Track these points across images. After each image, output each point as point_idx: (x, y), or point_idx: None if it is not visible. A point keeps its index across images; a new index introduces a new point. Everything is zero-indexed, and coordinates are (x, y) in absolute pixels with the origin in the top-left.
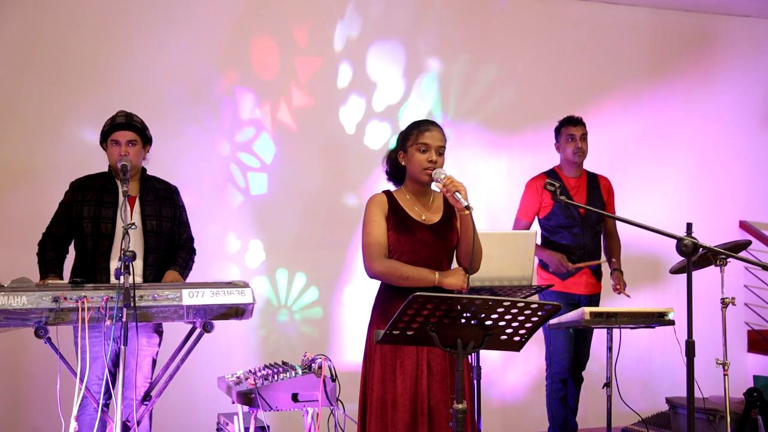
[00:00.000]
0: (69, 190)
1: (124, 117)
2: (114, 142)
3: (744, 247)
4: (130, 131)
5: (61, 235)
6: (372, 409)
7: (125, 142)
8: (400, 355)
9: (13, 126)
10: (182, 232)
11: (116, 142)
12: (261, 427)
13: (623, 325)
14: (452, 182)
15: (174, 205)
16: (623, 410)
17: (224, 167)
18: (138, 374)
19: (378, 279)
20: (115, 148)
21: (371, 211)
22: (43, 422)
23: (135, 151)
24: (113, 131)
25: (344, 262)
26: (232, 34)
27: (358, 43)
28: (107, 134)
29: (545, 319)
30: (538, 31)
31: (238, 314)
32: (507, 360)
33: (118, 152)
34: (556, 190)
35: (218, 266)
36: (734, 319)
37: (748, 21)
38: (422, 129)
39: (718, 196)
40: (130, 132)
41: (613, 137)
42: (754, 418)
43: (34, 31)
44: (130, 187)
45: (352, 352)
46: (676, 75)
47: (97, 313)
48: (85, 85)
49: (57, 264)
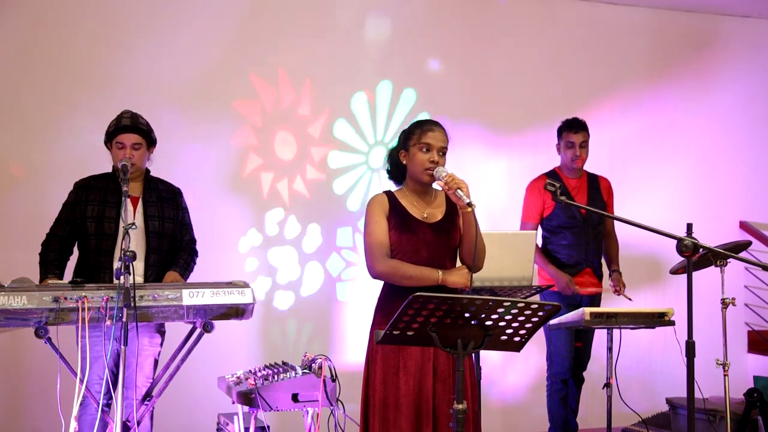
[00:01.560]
0: (73, 190)
1: (129, 119)
2: (119, 145)
3: (744, 248)
4: (136, 134)
5: (65, 235)
6: (374, 410)
7: (130, 145)
8: (403, 356)
9: (13, 126)
10: (184, 233)
11: (121, 145)
12: (261, 428)
13: (623, 325)
14: (454, 180)
15: (177, 206)
16: (623, 410)
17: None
18: (139, 374)
19: (381, 279)
20: (120, 151)
21: (372, 212)
22: (43, 422)
23: (140, 154)
24: (118, 133)
25: (346, 262)
26: (236, 32)
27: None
28: (112, 135)
29: (545, 319)
30: (538, 31)
31: (238, 314)
32: (507, 360)
33: (123, 155)
34: (557, 191)
35: (218, 266)
36: (734, 320)
37: (749, 21)
38: (425, 129)
39: (719, 197)
40: (135, 135)
41: (613, 137)
42: (754, 418)
43: (34, 31)
44: (133, 187)
45: (353, 352)
46: (676, 75)
47: (97, 313)
48: (86, 85)
49: (58, 265)
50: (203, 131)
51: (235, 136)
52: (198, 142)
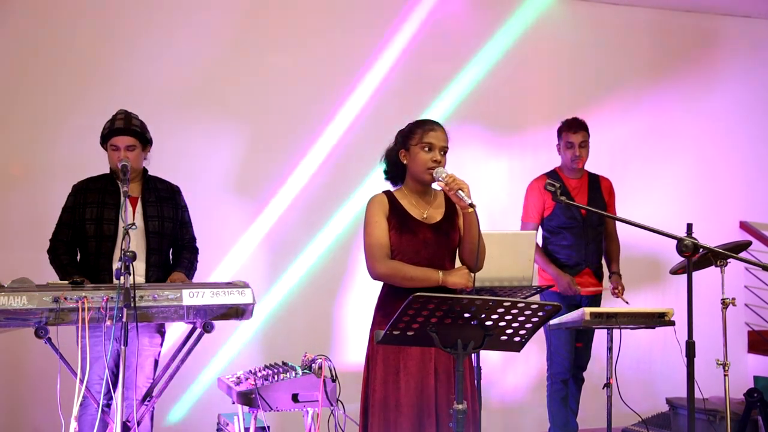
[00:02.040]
0: (71, 193)
1: (122, 121)
2: (113, 147)
3: (744, 248)
4: (129, 136)
5: (68, 239)
6: (374, 410)
7: (124, 147)
8: (404, 356)
9: (13, 126)
10: (185, 232)
11: (115, 148)
12: (261, 428)
13: (623, 325)
14: (455, 180)
15: (176, 205)
16: (623, 411)
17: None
18: (140, 374)
19: (381, 280)
20: (115, 154)
21: (372, 212)
22: (44, 422)
23: (134, 155)
24: (111, 136)
25: (346, 263)
26: (237, 31)
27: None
28: (106, 138)
29: (545, 319)
30: (538, 30)
31: (238, 314)
32: (507, 360)
33: (117, 157)
34: (557, 191)
35: (218, 267)
36: (734, 320)
37: (749, 21)
38: (427, 128)
39: (719, 197)
40: (128, 137)
41: (614, 137)
42: (754, 418)
43: (34, 31)
44: (131, 188)
45: (353, 352)
46: (676, 75)
47: (97, 314)
48: (86, 85)
49: (74, 266)
50: (204, 131)
51: (237, 135)
52: (198, 141)
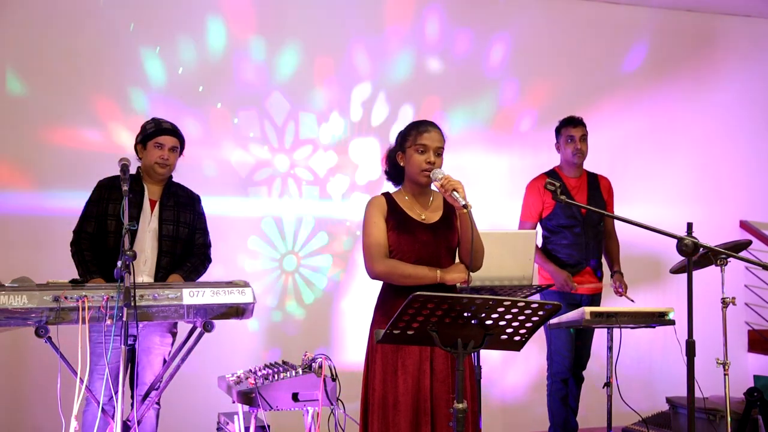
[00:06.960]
0: (96, 187)
1: (169, 123)
2: (157, 144)
3: (744, 247)
4: (175, 138)
5: (93, 231)
6: (374, 409)
7: (169, 147)
8: (402, 355)
9: (13, 125)
10: (197, 237)
11: (160, 145)
12: (261, 427)
13: (623, 324)
14: (449, 181)
15: (194, 212)
16: (624, 410)
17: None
18: (149, 372)
19: (380, 279)
20: (158, 151)
21: (370, 213)
22: (44, 422)
23: (174, 157)
24: (160, 134)
25: (346, 263)
26: (239, 32)
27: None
28: (151, 136)
29: (545, 318)
30: (538, 30)
31: (239, 314)
32: (507, 360)
33: (160, 155)
34: (557, 190)
35: (218, 266)
36: (734, 319)
37: (749, 21)
38: (421, 130)
39: (719, 196)
40: (174, 138)
41: (614, 136)
42: (754, 417)
43: (34, 31)
44: (154, 190)
45: (353, 352)
46: (676, 75)
47: (97, 313)
48: (86, 84)
49: (96, 264)
50: (208, 133)
51: (241, 137)
52: (204, 144)
